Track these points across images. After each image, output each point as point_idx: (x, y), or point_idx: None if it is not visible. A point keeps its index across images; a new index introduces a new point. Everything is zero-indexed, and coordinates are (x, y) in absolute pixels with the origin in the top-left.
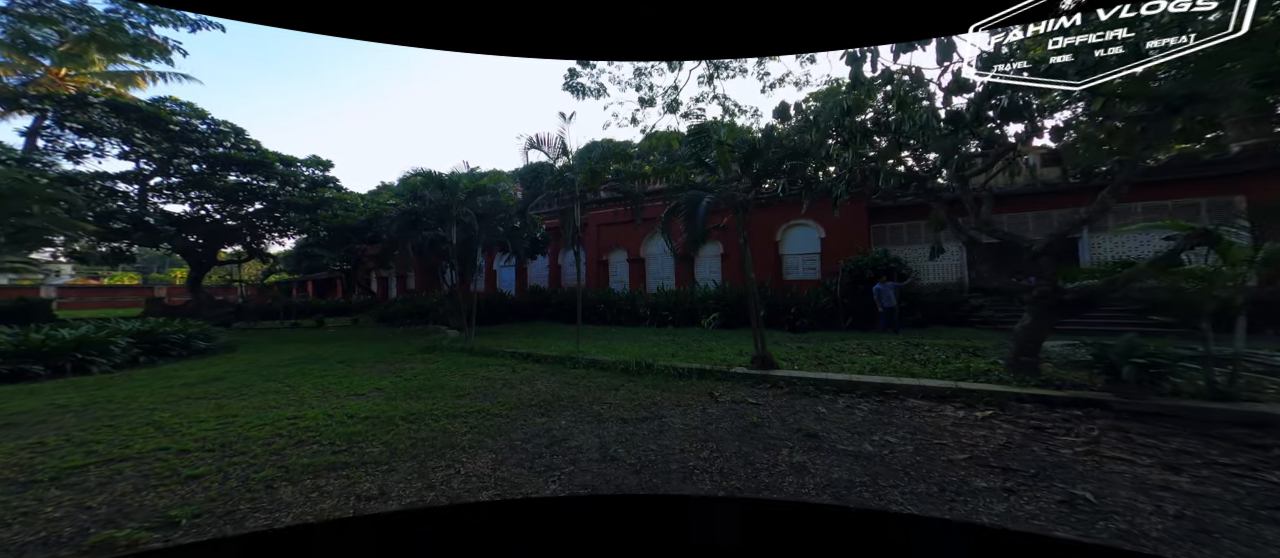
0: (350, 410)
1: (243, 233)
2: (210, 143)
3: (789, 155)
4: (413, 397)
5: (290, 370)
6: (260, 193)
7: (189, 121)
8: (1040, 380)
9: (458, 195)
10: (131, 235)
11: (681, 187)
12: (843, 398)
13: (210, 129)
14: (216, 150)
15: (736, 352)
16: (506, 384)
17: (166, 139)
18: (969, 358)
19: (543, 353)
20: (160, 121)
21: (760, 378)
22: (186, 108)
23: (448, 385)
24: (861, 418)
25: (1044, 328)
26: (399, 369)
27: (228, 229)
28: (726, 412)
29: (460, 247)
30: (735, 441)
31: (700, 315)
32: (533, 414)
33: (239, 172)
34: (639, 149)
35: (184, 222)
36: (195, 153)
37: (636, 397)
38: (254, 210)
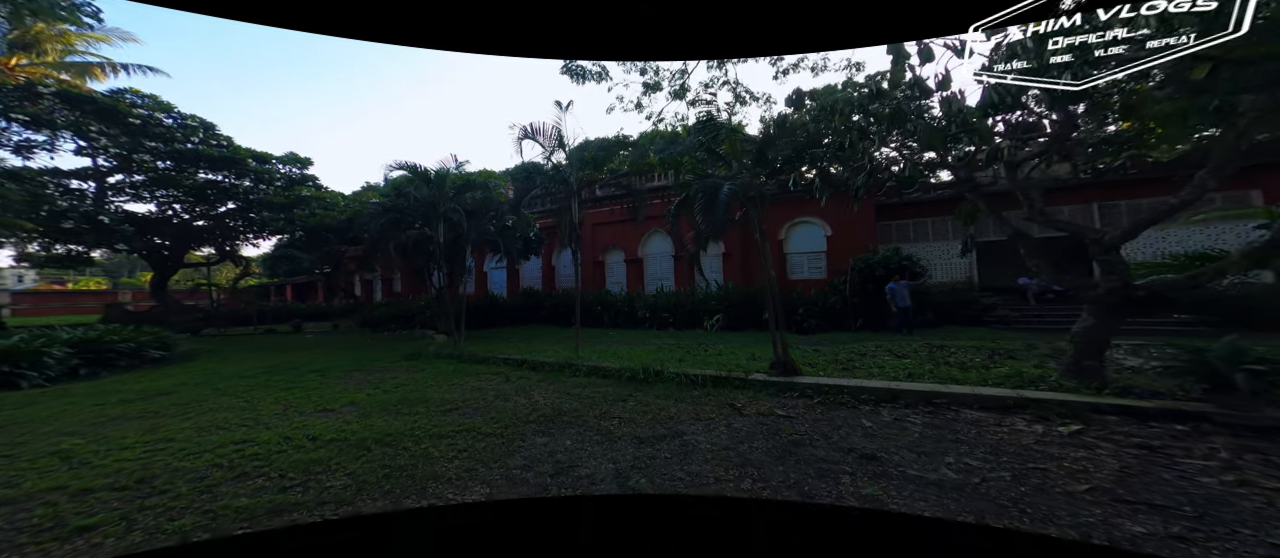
0: (314, 431)
1: (216, 234)
2: (176, 138)
3: (807, 145)
4: (391, 412)
5: (252, 382)
6: (232, 192)
7: (151, 115)
8: (1114, 389)
9: (445, 191)
10: (82, 236)
11: (693, 178)
12: (886, 409)
13: (176, 124)
14: (183, 146)
15: (748, 356)
16: (500, 396)
17: (126, 133)
18: (1011, 362)
19: (539, 359)
20: (119, 114)
21: (784, 386)
22: (149, 101)
23: (433, 398)
24: (919, 434)
25: (1109, 329)
26: (378, 379)
27: (197, 230)
28: (756, 427)
29: (448, 246)
30: (778, 465)
31: (703, 317)
32: (532, 433)
33: (209, 169)
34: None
35: (148, 222)
36: (159, 148)
37: (648, 410)
38: (226, 210)
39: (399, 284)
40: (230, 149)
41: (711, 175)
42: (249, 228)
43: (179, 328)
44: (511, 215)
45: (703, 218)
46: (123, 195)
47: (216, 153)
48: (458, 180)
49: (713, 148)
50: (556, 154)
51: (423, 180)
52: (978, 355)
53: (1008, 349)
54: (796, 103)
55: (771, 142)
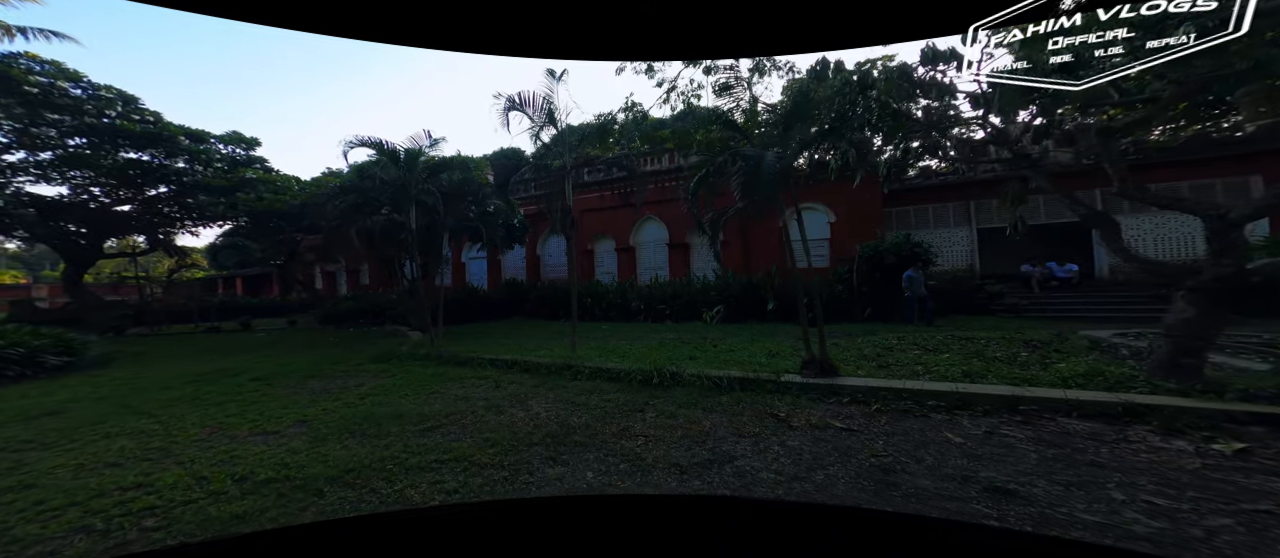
0: (244, 467)
1: (145, 221)
2: (87, 111)
3: (840, 117)
4: (353, 434)
5: (175, 396)
6: (162, 173)
7: (52, 84)
8: (1236, 393)
9: (417, 172)
10: None
11: (723, 151)
12: (967, 418)
13: (87, 95)
14: (97, 121)
15: (766, 353)
16: (491, 407)
17: (22, 104)
18: (1067, 358)
19: (532, 359)
20: (11, 82)
21: (826, 390)
22: (51, 68)
23: (408, 412)
24: (1035, 455)
25: (1217, 322)
26: (339, 388)
27: (120, 217)
28: (818, 445)
29: (421, 233)
30: (880, 505)
31: (701, 309)
32: (540, 461)
33: (133, 148)
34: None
35: (58, 207)
36: (67, 123)
37: (675, 423)
38: (156, 195)
39: (366, 276)
40: (157, 125)
41: (732, 150)
42: (187, 214)
43: (99, 327)
44: (493, 200)
45: (743, 194)
46: (25, 176)
47: (139, 129)
48: (432, 162)
49: (729, 119)
50: (546, 130)
51: (391, 160)
52: (1011, 348)
53: (1038, 340)
54: (820, 75)
55: (800, 112)
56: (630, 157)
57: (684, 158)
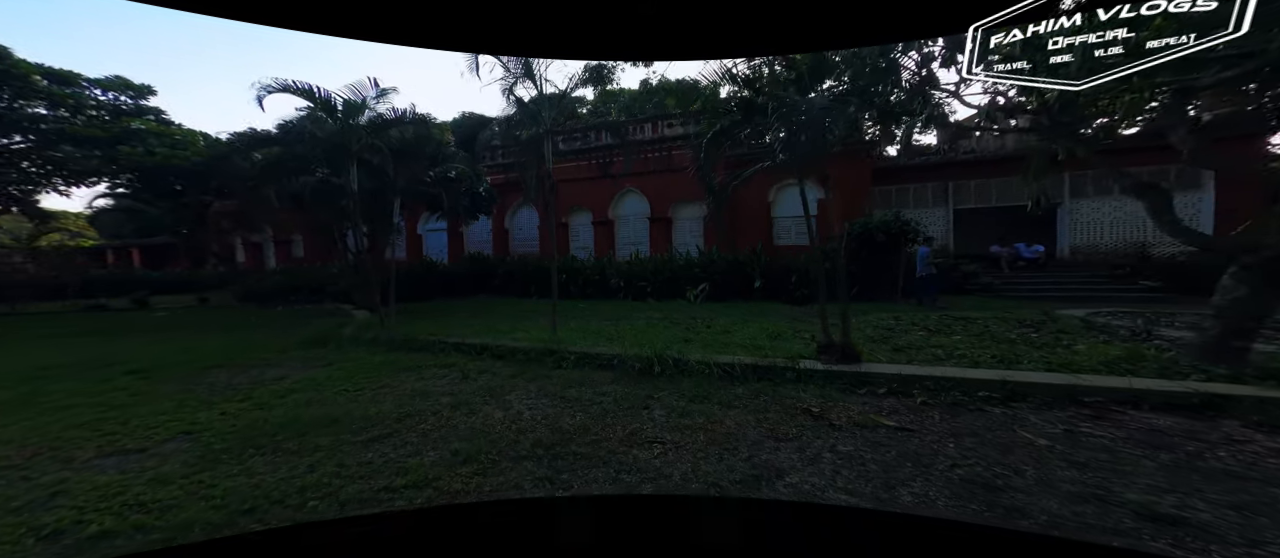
0: (65, 513)
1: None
2: None
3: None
4: (261, 451)
5: (9, 396)
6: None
7: None
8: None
9: (359, 127)
10: None
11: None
12: (1030, 412)
13: None
14: None
15: (767, 334)
16: (459, 404)
17: None
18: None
19: (507, 343)
20: None
21: (854, 378)
22: None
23: (345, 416)
24: (1151, 464)
25: (1270, 304)
26: (251, 383)
27: None
28: (878, 450)
29: (368, 198)
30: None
31: (685, 287)
32: (530, 482)
33: None
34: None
35: None
36: None
37: (691, 423)
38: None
39: (302, 248)
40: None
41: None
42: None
43: None
44: (456, 164)
45: (787, 146)
46: None
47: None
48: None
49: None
50: (522, 85)
51: (326, 111)
52: (1008, 328)
53: (1030, 321)
54: None
55: (830, 66)
56: (618, 124)
57: (668, 128)
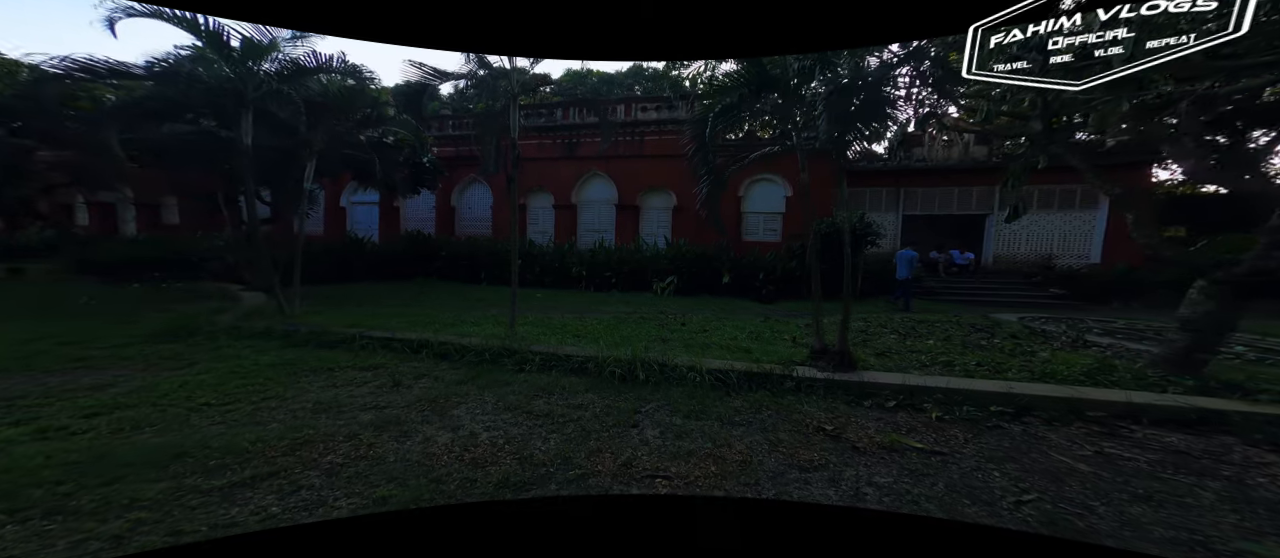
0: None
1: None
2: None
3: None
4: (20, 512)
5: None
6: None
7: None
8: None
9: (257, 71)
10: None
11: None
12: (1043, 427)
13: None
14: None
15: (747, 334)
16: (385, 423)
17: None
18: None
19: (452, 339)
20: None
21: (857, 389)
22: None
23: (200, 444)
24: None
25: (1234, 318)
26: (45, 393)
27: None
28: (919, 481)
29: (272, 157)
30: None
31: (652, 278)
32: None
33: None
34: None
35: None
36: None
37: (694, 446)
38: None
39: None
40: None
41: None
42: None
43: None
44: (395, 128)
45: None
46: None
47: None
48: (293, 64)
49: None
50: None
51: (215, 47)
52: (964, 332)
53: (979, 325)
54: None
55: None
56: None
57: (642, 112)
